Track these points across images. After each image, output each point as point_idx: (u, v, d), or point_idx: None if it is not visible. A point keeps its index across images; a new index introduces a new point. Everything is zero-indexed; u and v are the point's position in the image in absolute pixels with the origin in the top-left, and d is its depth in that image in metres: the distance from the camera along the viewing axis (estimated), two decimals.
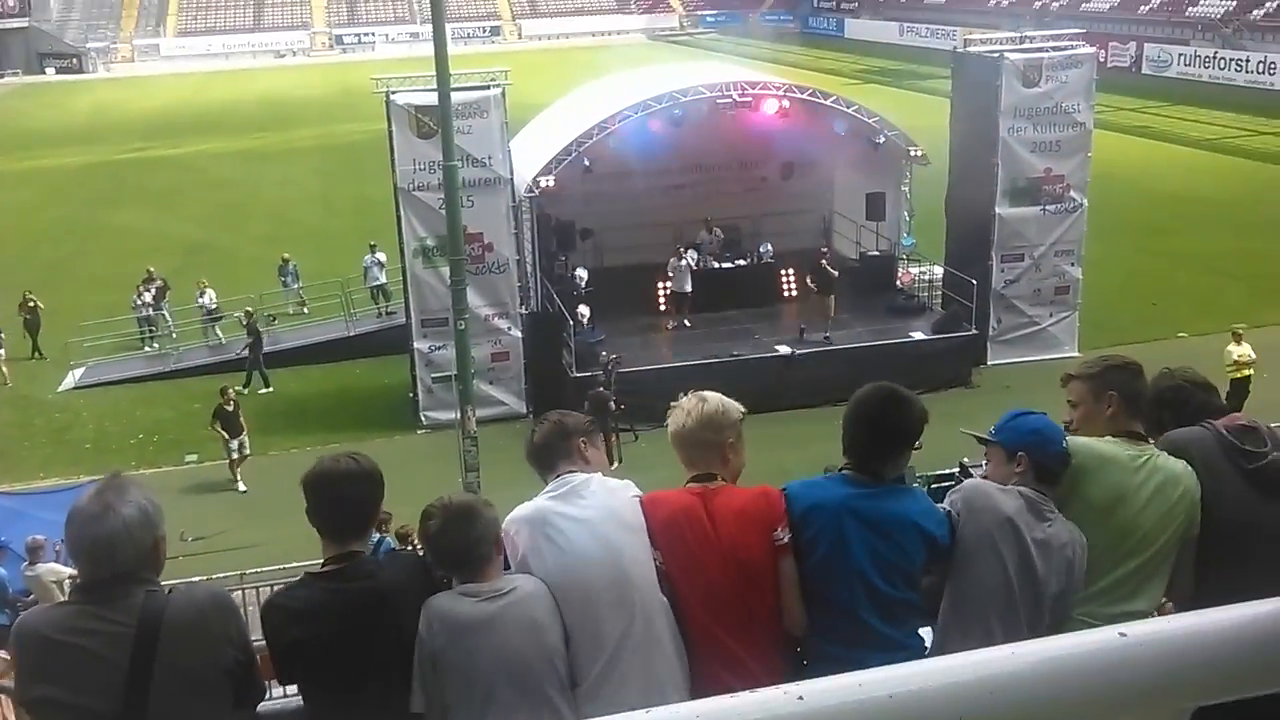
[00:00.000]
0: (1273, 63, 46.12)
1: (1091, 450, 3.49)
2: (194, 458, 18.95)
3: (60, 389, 22.12)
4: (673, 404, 3.53)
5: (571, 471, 3.41)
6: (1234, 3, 51.25)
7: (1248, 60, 47.35)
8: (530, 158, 20.80)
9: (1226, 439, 3.56)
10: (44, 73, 77.84)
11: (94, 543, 2.73)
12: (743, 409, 3.52)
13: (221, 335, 23.69)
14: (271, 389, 21.48)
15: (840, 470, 3.46)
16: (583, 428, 3.56)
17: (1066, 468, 3.44)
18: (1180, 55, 50.59)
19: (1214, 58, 48.90)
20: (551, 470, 3.44)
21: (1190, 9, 53.19)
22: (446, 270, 17.87)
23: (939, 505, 3.53)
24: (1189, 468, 3.50)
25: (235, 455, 17.92)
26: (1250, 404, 16.13)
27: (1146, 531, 3.42)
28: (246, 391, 20.90)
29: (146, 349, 23.78)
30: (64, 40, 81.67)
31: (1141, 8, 55.97)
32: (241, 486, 17.76)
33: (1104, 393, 3.62)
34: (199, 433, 19.62)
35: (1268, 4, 49.46)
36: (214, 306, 24.05)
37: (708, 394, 3.51)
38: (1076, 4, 59.83)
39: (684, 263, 21.40)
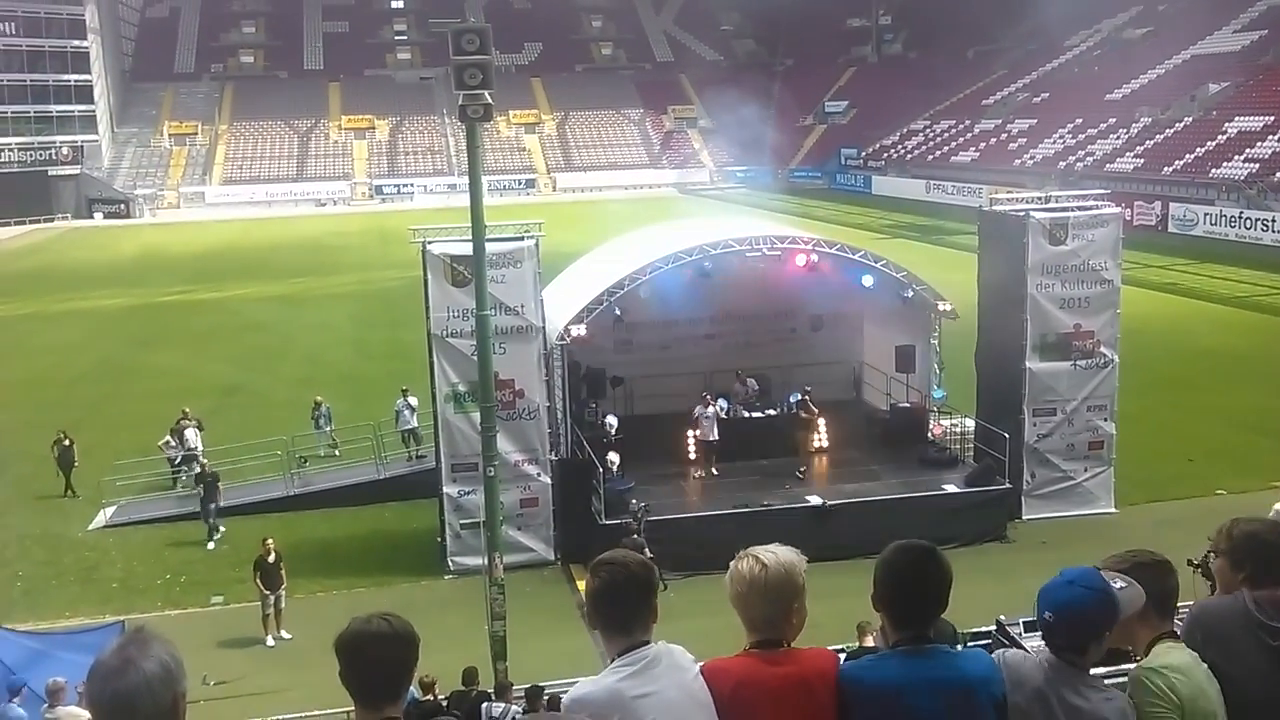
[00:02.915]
0: None
1: (1183, 670, 3.34)
2: (220, 599, 18.81)
3: (91, 527, 22.14)
4: (732, 563, 3.31)
5: (646, 643, 3.19)
6: (1257, 165, 52.11)
7: (1274, 220, 47.88)
8: (562, 306, 21.10)
9: (1254, 615, 3.45)
10: (92, 217, 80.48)
11: (114, 698, 2.66)
12: (804, 559, 3.33)
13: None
14: (221, 538, 21.03)
15: (894, 647, 3.35)
16: (655, 583, 3.30)
17: (1071, 631, 3.28)
18: (1206, 214, 51.24)
19: (1239, 217, 49.50)
20: (625, 634, 3.20)
21: (1214, 170, 54.09)
22: (477, 415, 18.03)
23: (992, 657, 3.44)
24: (1201, 663, 3.39)
25: (270, 611, 17.35)
26: None
27: None
28: (213, 546, 20.92)
29: (179, 489, 23.86)
30: (113, 186, 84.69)
31: (1165, 169, 56.96)
32: (270, 642, 17.28)
33: None
34: (226, 574, 19.57)
35: None
36: (193, 447, 23.87)
37: (766, 557, 3.25)
38: (1101, 164, 61.00)
39: (710, 410, 21.48)
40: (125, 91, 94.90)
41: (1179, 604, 3.74)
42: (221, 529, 21.23)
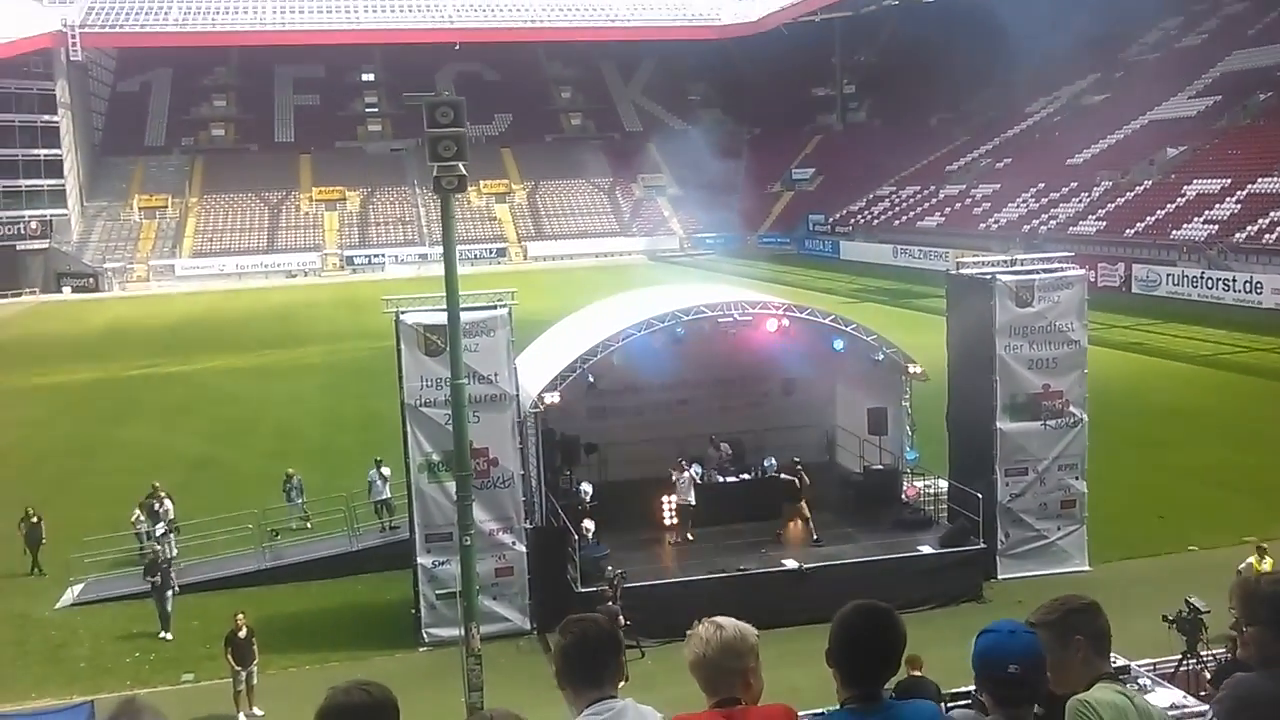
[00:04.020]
0: (1258, 282, 47.44)
1: (1110, 704, 3.41)
2: (190, 676, 18.49)
3: (58, 606, 21.77)
4: (689, 631, 3.53)
5: (613, 696, 3.35)
6: (1216, 226, 53.12)
7: (1234, 280, 48.72)
8: (536, 374, 21.17)
9: None
10: (60, 291, 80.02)
11: None
12: (756, 631, 3.57)
13: (174, 549, 22.81)
14: (169, 637, 19.92)
15: (843, 705, 3.44)
16: (622, 641, 3.52)
17: (1005, 689, 3.36)
18: (1169, 275, 52.06)
19: (1201, 278, 50.32)
20: (597, 688, 3.35)
21: (1175, 232, 55.06)
22: (451, 485, 17.97)
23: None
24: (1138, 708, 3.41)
25: (242, 687, 17.11)
26: None
27: None
28: (170, 635, 19.96)
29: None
30: (82, 260, 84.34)
31: (1127, 231, 57.93)
32: (242, 719, 17.06)
33: (1070, 639, 3.53)
34: (196, 651, 19.26)
35: (1249, 228, 51.26)
36: (171, 517, 23.61)
37: (723, 620, 3.52)
38: (1064, 227, 61.98)
39: (687, 475, 21.51)
40: (95, 165, 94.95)
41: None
42: (167, 630, 20.15)
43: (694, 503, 21.33)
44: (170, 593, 20.38)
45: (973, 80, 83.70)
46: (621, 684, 3.55)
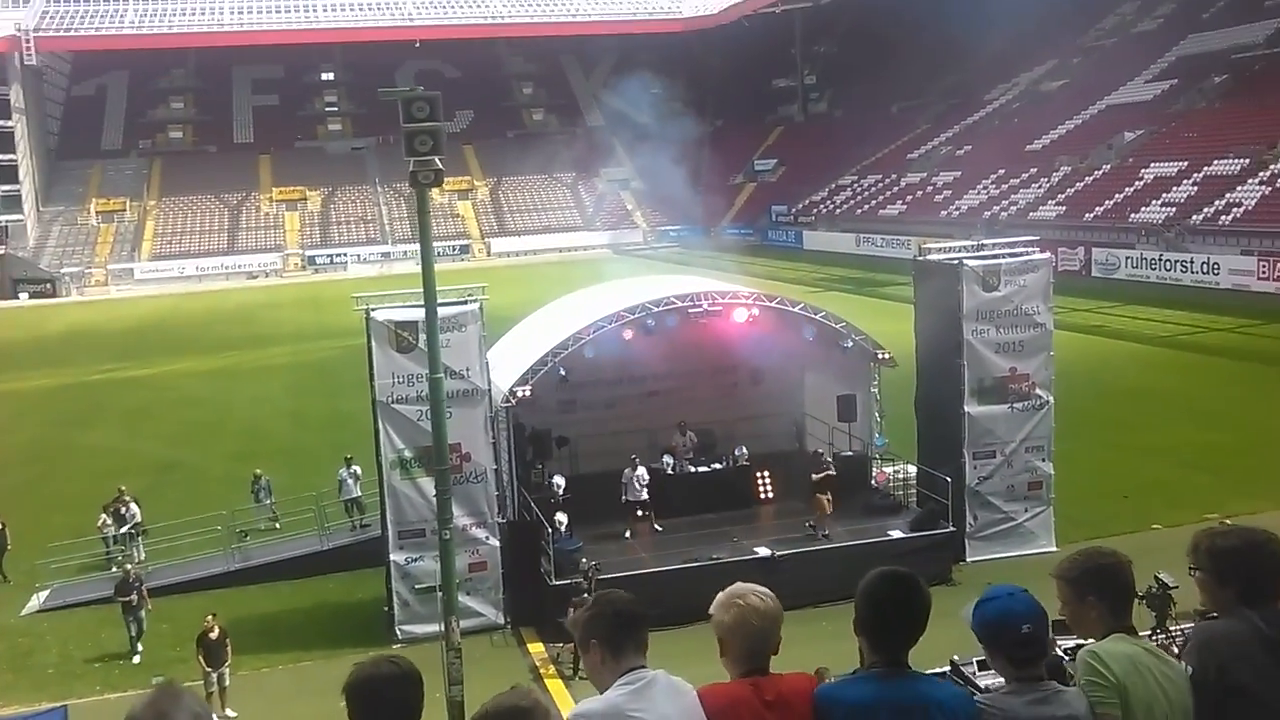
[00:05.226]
0: (1215, 263, 48.05)
1: (1123, 656, 3.44)
2: (161, 679, 18.12)
3: (24, 612, 21.55)
4: (729, 597, 3.53)
5: (642, 666, 3.39)
6: (1173, 209, 53.74)
7: (1191, 261, 49.31)
8: (507, 368, 21.12)
9: (1267, 634, 3.36)
10: (17, 298, 78.90)
11: None
12: None
13: (142, 552, 23.06)
14: (138, 661, 19.12)
15: (868, 667, 3.49)
16: (647, 616, 3.52)
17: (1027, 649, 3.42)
18: (1127, 258, 52.63)
19: (1159, 260, 50.89)
20: (628, 657, 3.40)
21: (1133, 215, 55.66)
22: (424, 481, 17.97)
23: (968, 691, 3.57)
24: (1182, 672, 3.45)
25: (214, 689, 17.06)
26: None
27: None
28: (139, 659, 19.14)
29: (114, 569, 23.27)
30: (39, 266, 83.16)
31: (1087, 215, 58.50)
32: None
33: (1085, 597, 3.58)
34: (166, 654, 19.11)
35: (1205, 209, 51.89)
36: (139, 521, 23.66)
37: (766, 593, 3.54)
38: (1024, 213, 62.48)
39: (637, 473, 21.54)
40: (51, 170, 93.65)
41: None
42: (139, 651, 19.38)
43: (646, 498, 21.37)
44: (144, 612, 19.73)
45: (932, 68, 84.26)
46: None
